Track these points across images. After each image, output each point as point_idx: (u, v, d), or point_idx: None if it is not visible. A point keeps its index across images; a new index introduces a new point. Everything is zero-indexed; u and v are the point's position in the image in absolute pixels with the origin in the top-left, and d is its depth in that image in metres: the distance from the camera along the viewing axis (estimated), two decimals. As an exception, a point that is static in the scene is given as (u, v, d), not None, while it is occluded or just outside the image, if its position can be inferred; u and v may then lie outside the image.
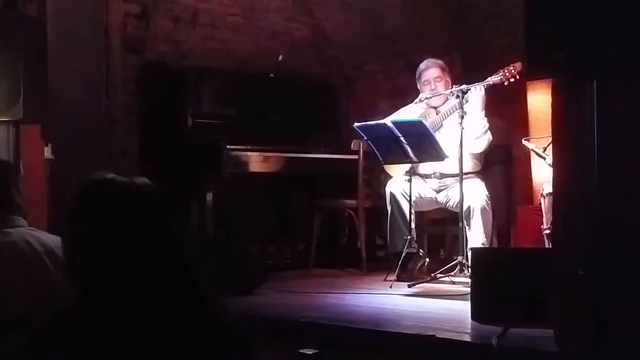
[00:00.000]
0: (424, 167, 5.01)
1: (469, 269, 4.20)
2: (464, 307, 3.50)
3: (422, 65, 5.06)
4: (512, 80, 4.58)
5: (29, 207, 2.82)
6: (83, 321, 1.55)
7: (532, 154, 4.99)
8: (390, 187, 4.97)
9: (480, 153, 4.95)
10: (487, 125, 4.79)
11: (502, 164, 5.22)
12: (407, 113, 5.11)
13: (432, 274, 4.53)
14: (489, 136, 4.82)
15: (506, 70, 4.59)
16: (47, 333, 1.57)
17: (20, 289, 2.44)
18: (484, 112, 4.77)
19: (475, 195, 4.70)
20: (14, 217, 2.69)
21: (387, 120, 4.79)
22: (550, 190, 3.81)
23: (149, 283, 1.56)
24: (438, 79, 5.00)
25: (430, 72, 5.01)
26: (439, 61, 5.08)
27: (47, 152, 4.62)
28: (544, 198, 4.58)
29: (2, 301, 2.46)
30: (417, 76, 5.08)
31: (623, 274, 2.51)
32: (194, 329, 1.57)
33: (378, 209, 5.30)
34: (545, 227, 4.55)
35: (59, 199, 1.60)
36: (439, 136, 4.79)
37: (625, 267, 2.51)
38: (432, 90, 4.98)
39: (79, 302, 1.58)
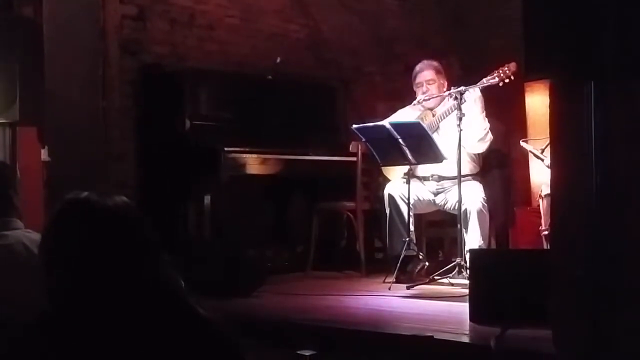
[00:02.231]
0: (422, 170, 5.01)
1: (467, 271, 4.19)
2: (463, 309, 3.50)
3: (417, 67, 5.07)
4: (507, 80, 4.58)
5: (25, 209, 2.82)
6: (63, 327, 1.56)
7: (530, 156, 4.99)
8: (389, 190, 4.97)
9: (479, 155, 4.96)
10: (488, 126, 4.80)
11: (500, 168, 5.22)
12: (405, 115, 5.12)
13: (431, 276, 4.53)
14: (490, 137, 4.83)
15: (501, 71, 4.58)
16: (28, 338, 1.58)
17: (17, 292, 2.44)
18: (484, 113, 4.77)
19: (471, 198, 4.70)
20: (11, 220, 2.70)
21: (386, 122, 4.79)
22: (549, 191, 3.80)
23: (126, 297, 1.57)
24: (431, 82, 5.00)
25: (424, 74, 5.02)
26: (434, 63, 5.08)
27: (44, 155, 4.61)
28: (542, 199, 4.59)
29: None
30: (412, 77, 5.08)
31: (622, 275, 2.50)
32: (178, 337, 1.58)
33: (376, 211, 5.30)
34: (543, 228, 4.55)
35: (56, 201, 1.61)
36: (436, 138, 4.78)
37: (624, 268, 2.50)
38: (425, 92, 4.99)
39: (58, 309, 1.59)
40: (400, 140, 4.66)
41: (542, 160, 4.59)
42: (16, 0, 4.57)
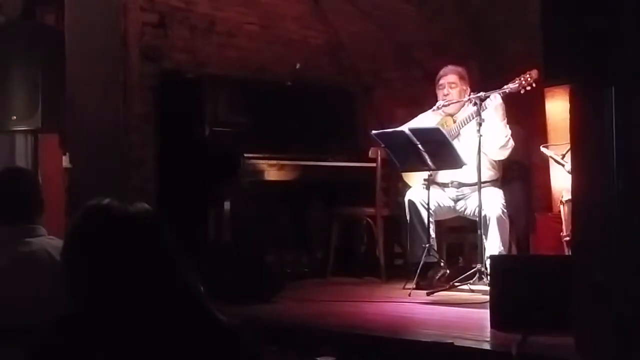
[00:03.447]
0: (442, 176, 5.00)
1: (488, 277, 4.17)
2: (483, 315, 3.48)
3: (442, 71, 5.08)
4: (528, 88, 4.57)
5: (46, 215, 2.85)
6: (84, 331, 1.57)
7: (551, 161, 4.97)
8: (410, 196, 4.96)
9: (499, 161, 4.95)
10: (510, 133, 4.79)
11: (520, 174, 5.21)
12: (425, 120, 5.12)
13: (451, 282, 4.51)
14: (512, 144, 4.82)
15: (522, 78, 4.58)
16: (48, 342, 1.59)
17: (40, 298, 2.46)
18: (505, 120, 4.77)
19: (491, 205, 4.69)
20: (35, 227, 2.72)
21: (405, 128, 4.79)
22: (570, 197, 3.79)
23: (146, 302, 1.58)
24: (453, 85, 5.00)
25: (447, 77, 5.03)
26: (459, 68, 5.09)
27: (65, 161, 4.65)
28: (564, 205, 4.56)
29: (22, 310, 2.48)
30: (436, 80, 5.09)
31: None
32: (198, 342, 1.58)
33: (396, 217, 5.29)
34: (564, 234, 4.52)
35: (77, 207, 1.63)
36: (457, 144, 4.78)
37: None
38: (445, 95, 4.99)
39: (80, 313, 1.61)
40: (420, 146, 4.65)
41: (563, 165, 4.56)
42: (39, 8, 4.62)
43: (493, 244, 4.65)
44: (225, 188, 5.22)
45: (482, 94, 4.67)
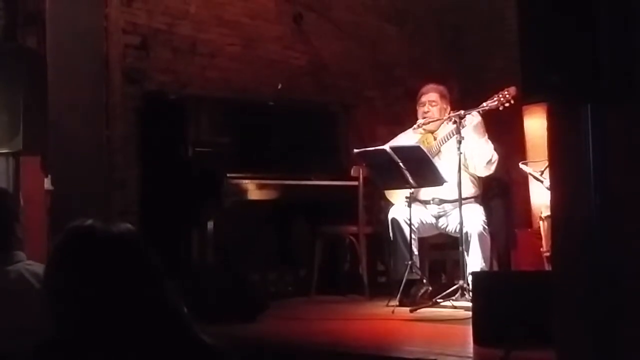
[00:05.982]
0: (424, 194, 5.03)
1: (470, 293, 4.20)
2: (466, 331, 3.50)
3: (423, 88, 5.15)
4: (507, 104, 4.63)
5: (28, 238, 2.82)
6: (70, 355, 1.57)
7: (530, 178, 5.02)
8: (393, 214, 4.99)
9: (480, 178, 5.00)
10: (493, 146, 4.84)
11: (500, 190, 5.25)
12: (406, 139, 5.16)
13: (434, 299, 4.53)
14: (496, 156, 4.87)
15: (501, 95, 4.63)
16: None
17: (18, 327, 2.43)
18: (486, 135, 4.81)
19: (472, 221, 4.72)
20: (14, 253, 2.68)
21: (386, 146, 4.83)
22: (549, 213, 3.82)
23: (130, 323, 1.58)
24: (433, 103, 5.06)
25: (429, 95, 5.09)
26: (440, 87, 5.15)
27: (47, 184, 4.62)
28: (543, 221, 4.61)
29: (1, 339, 2.45)
30: (417, 97, 5.15)
31: (623, 294, 2.51)
32: None
33: (379, 235, 5.31)
34: (544, 250, 4.56)
35: (60, 230, 1.63)
36: (438, 162, 4.82)
37: (625, 288, 2.52)
38: (426, 113, 5.05)
39: (63, 338, 1.60)
40: (401, 164, 4.69)
41: (542, 182, 4.61)
42: (20, 30, 4.62)
43: (475, 261, 4.68)
44: (208, 208, 5.23)
45: (461, 112, 4.73)
